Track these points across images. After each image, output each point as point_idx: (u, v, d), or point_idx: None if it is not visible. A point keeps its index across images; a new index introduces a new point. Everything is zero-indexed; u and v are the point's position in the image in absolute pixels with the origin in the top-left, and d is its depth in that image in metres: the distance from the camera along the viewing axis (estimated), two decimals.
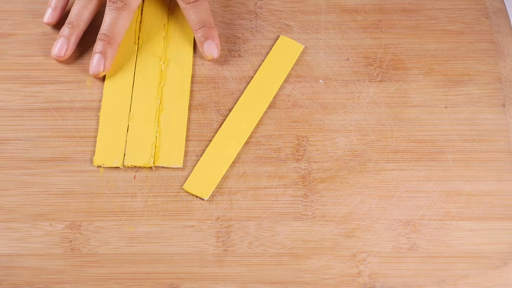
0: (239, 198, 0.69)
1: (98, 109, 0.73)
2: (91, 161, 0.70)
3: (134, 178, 0.70)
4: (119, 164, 0.70)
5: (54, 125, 0.72)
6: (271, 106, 0.73)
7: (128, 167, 0.70)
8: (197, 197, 0.69)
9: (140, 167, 0.70)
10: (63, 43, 0.75)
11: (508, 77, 0.75)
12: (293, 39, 0.77)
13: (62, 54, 0.75)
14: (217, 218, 0.68)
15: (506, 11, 0.78)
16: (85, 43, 0.76)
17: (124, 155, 0.71)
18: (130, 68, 0.75)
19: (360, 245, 0.67)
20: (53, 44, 0.76)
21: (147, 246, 0.67)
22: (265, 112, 0.73)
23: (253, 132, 0.72)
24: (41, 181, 0.70)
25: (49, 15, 0.77)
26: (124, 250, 0.67)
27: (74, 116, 0.73)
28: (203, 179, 0.70)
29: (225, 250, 0.67)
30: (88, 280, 0.66)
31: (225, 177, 0.70)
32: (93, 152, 0.71)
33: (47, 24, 0.77)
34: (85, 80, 0.74)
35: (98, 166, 0.70)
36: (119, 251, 0.67)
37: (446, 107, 0.74)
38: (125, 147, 0.71)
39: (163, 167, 0.70)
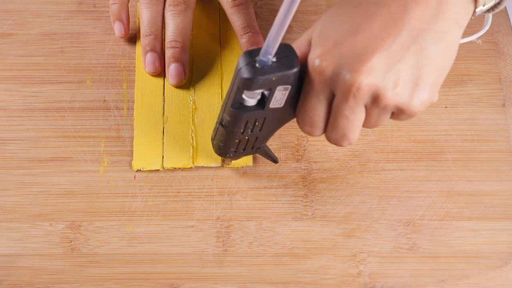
0: (239, 198, 0.69)
1: (98, 109, 0.73)
2: (91, 161, 0.70)
3: (134, 178, 0.70)
4: (158, 167, 0.70)
5: (54, 125, 0.72)
6: None
7: (168, 169, 0.70)
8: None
9: (180, 168, 0.70)
10: (155, 58, 0.73)
11: (508, 77, 0.75)
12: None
13: (159, 69, 0.74)
14: (217, 218, 0.68)
15: (506, 11, 0.78)
16: (85, 43, 0.76)
17: (163, 158, 0.71)
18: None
19: (360, 245, 0.67)
20: (52, 44, 0.76)
21: (147, 246, 0.67)
22: None
23: None
24: (41, 181, 0.70)
25: (120, 29, 0.75)
26: (124, 250, 0.67)
27: (74, 116, 0.73)
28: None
29: (225, 250, 0.67)
30: (88, 280, 0.66)
31: (225, 177, 0.70)
32: (93, 152, 0.71)
33: (121, 38, 0.75)
34: (85, 80, 0.74)
35: (138, 170, 0.70)
36: (119, 251, 0.67)
37: (446, 107, 0.74)
38: (162, 150, 0.71)
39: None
